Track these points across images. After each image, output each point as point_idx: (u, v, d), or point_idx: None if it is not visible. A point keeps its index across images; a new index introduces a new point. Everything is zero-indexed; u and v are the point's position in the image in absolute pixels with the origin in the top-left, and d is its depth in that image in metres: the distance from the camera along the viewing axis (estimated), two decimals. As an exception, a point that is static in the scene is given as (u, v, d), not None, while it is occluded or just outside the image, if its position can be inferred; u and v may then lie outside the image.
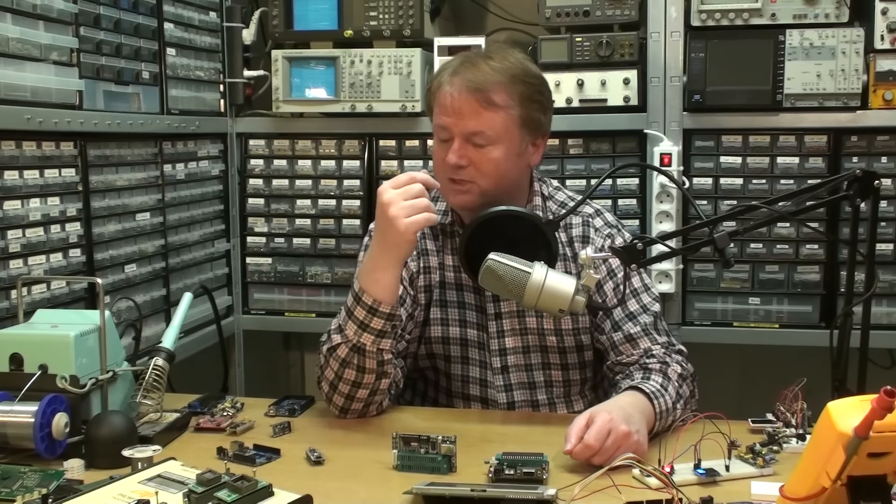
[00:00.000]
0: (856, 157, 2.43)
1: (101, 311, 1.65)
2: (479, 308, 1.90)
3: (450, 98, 1.76)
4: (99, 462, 1.50)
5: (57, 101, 1.93)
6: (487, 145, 1.77)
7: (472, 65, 1.79)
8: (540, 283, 1.46)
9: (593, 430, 1.46)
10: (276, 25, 2.67)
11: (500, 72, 1.77)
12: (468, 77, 1.76)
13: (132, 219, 2.24)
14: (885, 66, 2.35)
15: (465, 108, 1.75)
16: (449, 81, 1.78)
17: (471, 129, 1.76)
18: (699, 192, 2.49)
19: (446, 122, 1.78)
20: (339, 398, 1.75)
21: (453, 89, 1.76)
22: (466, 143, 1.76)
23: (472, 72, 1.77)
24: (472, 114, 1.75)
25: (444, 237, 1.92)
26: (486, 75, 1.76)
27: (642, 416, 1.57)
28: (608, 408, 1.54)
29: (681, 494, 1.26)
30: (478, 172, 1.77)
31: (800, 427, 1.60)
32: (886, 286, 2.42)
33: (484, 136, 1.76)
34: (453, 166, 1.77)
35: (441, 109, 1.79)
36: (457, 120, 1.76)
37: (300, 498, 1.27)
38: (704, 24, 2.42)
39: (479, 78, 1.76)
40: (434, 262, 1.92)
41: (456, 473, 1.48)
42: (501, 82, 1.77)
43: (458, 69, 1.79)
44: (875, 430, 1.02)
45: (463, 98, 1.75)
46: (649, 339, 1.80)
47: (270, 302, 2.77)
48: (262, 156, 2.74)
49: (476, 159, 1.77)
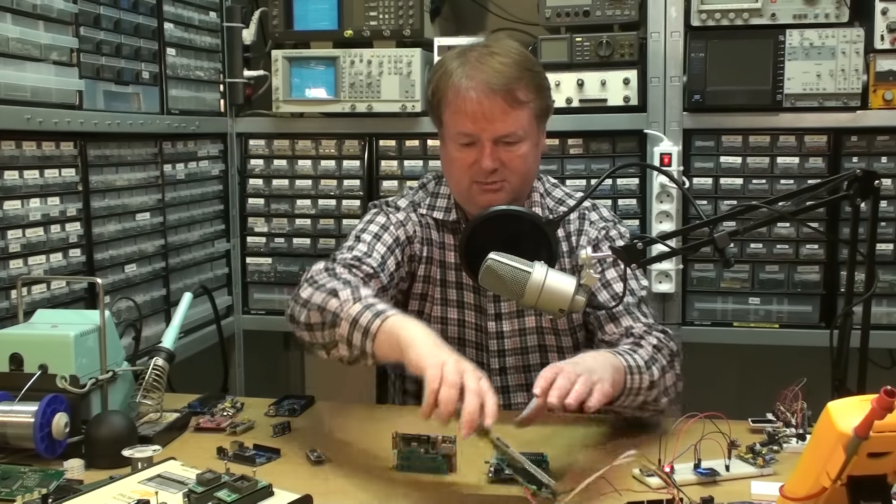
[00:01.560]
0: (856, 157, 2.43)
1: (101, 311, 1.65)
2: (479, 308, 1.89)
3: (475, 104, 1.71)
4: (99, 462, 1.50)
5: (57, 101, 1.93)
6: (517, 143, 1.75)
7: (482, 63, 1.73)
8: (540, 283, 1.46)
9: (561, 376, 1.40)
10: (276, 25, 2.67)
11: (514, 66, 1.73)
12: (488, 78, 1.71)
13: (132, 219, 2.24)
14: (885, 66, 2.35)
15: (494, 112, 1.71)
16: (466, 85, 1.72)
17: (502, 132, 1.73)
18: (699, 192, 2.49)
19: (472, 128, 1.73)
20: (300, 311, 1.63)
21: (476, 94, 1.71)
22: (496, 144, 1.74)
23: (487, 71, 1.71)
24: (502, 116, 1.72)
25: (446, 233, 1.91)
26: (505, 73, 1.71)
27: (607, 366, 1.51)
28: (571, 361, 1.49)
29: (682, 494, 1.26)
30: (509, 171, 1.76)
31: (800, 427, 1.60)
32: (886, 286, 2.42)
33: (515, 135, 1.74)
34: (487, 170, 1.74)
35: (463, 115, 1.73)
36: (486, 125, 1.72)
37: (300, 498, 1.27)
38: (704, 24, 2.42)
39: (499, 77, 1.71)
40: (437, 255, 1.90)
41: (456, 473, 1.48)
42: (521, 77, 1.73)
43: (470, 71, 1.73)
44: (875, 430, 1.02)
45: (490, 101, 1.71)
46: (631, 317, 1.77)
47: (270, 302, 2.77)
48: (262, 156, 2.74)
49: (506, 159, 1.75)
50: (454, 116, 1.76)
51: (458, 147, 1.78)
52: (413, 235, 1.89)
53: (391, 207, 1.93)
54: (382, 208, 1.93)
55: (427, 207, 1.91)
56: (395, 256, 1.84)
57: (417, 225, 1.90)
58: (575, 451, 1.58)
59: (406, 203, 1.93)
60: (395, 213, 1.90)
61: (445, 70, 1.78)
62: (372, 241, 1.83)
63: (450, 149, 1.80)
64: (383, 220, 1.89)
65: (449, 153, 1.81)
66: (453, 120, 1.77)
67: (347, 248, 1.82)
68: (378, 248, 1.82)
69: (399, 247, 1.86)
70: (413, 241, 1.89)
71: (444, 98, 1.77)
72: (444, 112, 1.79)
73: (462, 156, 1.77)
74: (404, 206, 1.93)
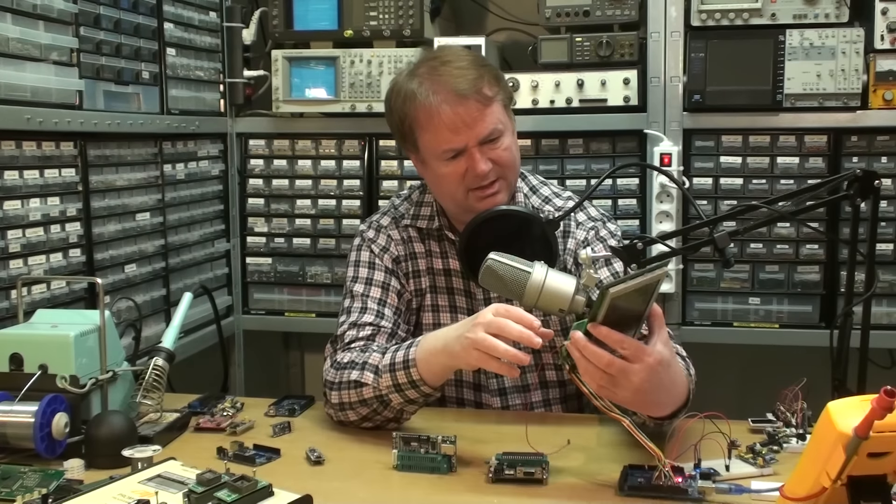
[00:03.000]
0: (856, 157, 2.43)
1: (101, 311, 1.65)
2: (471, 312, 1.87)
3: (451, 115, 1.71)
4: (99, 462, 1.50)
5: (57, 101, 1.93)
6: (499, 137, 1.76)
7: (439, 74, 1.73)
8: (540, 283, 1.46)
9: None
10: (276, 25, 2.67)
11: (470, 67, 1.75)
12: (452, 86, 1.71)
13: (132, 219, 2.24)
14: (885, 66, 2.35)
15: (470, 116, 1.72)
16: (435, 101, 1.71)
17: (484, 133, 1.73)
18: (699, 192, 2.49)
19: (456, 140, 1.73)
20: (344, 415, 1.71)
21: (449, 105, 1.71)
22: (482, 146, 1.74)
23: (449, 80, 1.72)
24: (479, 116, 1.72)
25: (431, 241, 1.91)
26: (466, 75, 1.72)
27: (672, 389, 1.48)
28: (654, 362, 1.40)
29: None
30: (501, 167, 1.76)
31: (800, 427, 1.60)
32: (886, 286, 2.42)
33: (496, 130, 1.75)
34: (483, 174, 1.74)
35: (444, 131, 1.72)
36: (467, 131, 1.72)
37: (300, 498, 1.27)
38: (704, 24, 2.42)
39: (462, 81, 1.71)
40: (423, 266, 1.90)
41: (456, 473, 1.48)
42: (480, 74, 1.74)
43: (432, 86, 1.72)
44: (875, 430, 1.02)
45: (464, 107, 1.71)
46: None
47: (270, 302, 2.77)
48: (262, 156, 2.74)
49: (495, 156, 1.75)
50: (434, 136, 1.74)
51: (444, 163, 1.76)
52: (398, 256, 1.90)
53: (372, 230, 1.93)
54: (364, 240, 1.92)
55: (411, 218, 1.91)
56: (394, 290, 1.86)
57: (400, 243, 1.90)
58: (575, 451, 1.58)
59: (388, 221, 1.93)
60: (378, 240, 1.90)
61: (406, 94, 1.76)
62: (371, 294, 1.84)
63: (435, 167, 1.78)
64: (367, 257, 1.89)
65: (436, 171, 1.79)
66: (433, 139, 1.75)
67: (347, 319, 1.81)
68: (378, 300, 1.83)
69: (393, 275, 1.88)
70: (400, 261, 1.90)
71: (415, 122, 1.76)
72: (419, 136, 1.77)
73: (452, 170, 1.76)
74: (386, 224, 1.93)
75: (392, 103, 1.81)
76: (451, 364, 1.58)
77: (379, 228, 1.93)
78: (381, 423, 1.68)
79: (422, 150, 1.79)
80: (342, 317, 1.83)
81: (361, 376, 1.65)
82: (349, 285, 1.88)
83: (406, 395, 1.62)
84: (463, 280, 1.88)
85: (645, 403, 1.44)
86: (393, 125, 1.84)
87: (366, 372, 1.65)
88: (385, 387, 1.62)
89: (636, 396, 1.39)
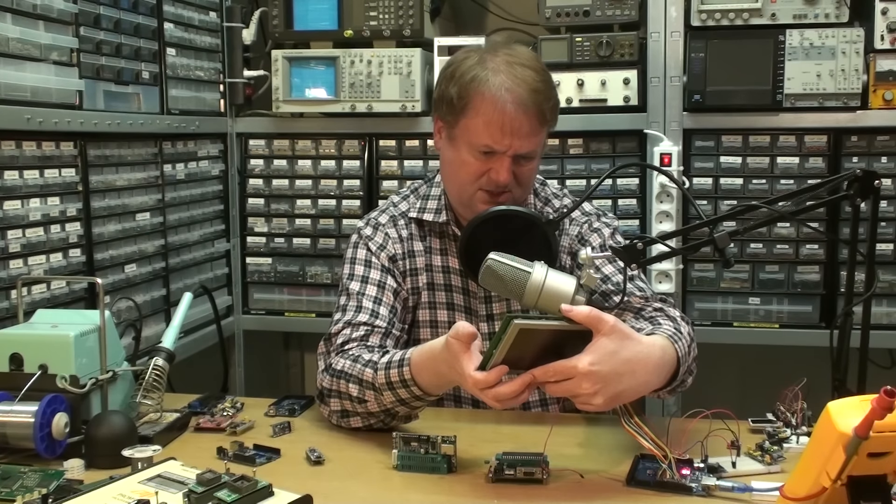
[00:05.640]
0: (856, 157, 2.43)
1: (101, 311, 1.65)
2: (468, 310, 1.88)
3: (511, 118, 1.68)
4: (99, 462, 1.50)
5: (57, 101, 1.93)
6: (531, 160, 1.75)
7: (516, 76, 1.69)
8: (540, 283, 1.46)
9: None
10: (276, 25, 2.67)
11: (545, 83, 1.71)
12: (525, 92, 1.67)
13: (132, 219, 2.24)
14: (885, 66, 2.35)
15: (523, 129, 1.69)
16: (504, 98, 1.67)
17: (525, 150, 1.71)
18: (699, 192, 2.49)
19: (500, 141, 1.69)
20: (346, 422, 1.71)
21: (514, 108, 1.67)
22: (514, 158, 1.72)
23: (524, 87, 1.68)
24: (530, 133, 1.70)
25: (434, 237, 1.90)
26: (540, 90, 1.69)
27: (649, 364, 1.45)
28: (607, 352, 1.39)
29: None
30: (516, 184, 1.75)
31: (800, 427, 1.60)
32: (886, 286, 2.42)
33: (533, 153, 1.74)
34: (501, 184, 1.72)
35: (495, 128, 1.69)
36: (513, 141, 1.69)
37: (300, 498, 1.27)
38: (704, 24, 2.43)
39: (535, 96, 1.68)
40: (421, 264, 1.90)
41: (456, 473, 1.48)
42: (550, 97, 1.72)
43: (507, 83, 1.68)
44: (875, 430, 1.02)
45: (526, 118, 1.68)
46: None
47: (270, 302, 2.77)
48: (262, 156, 2.74)
49: (518, 174, 1.74)
50: (484, 126, 1.71)
51: (474, 154, 1.74)
52: (395, 254, 1.89)
53: (369, 228, 1.91)
54: (361, 237, 1.91)
55: (417, 211, 1.90)
56: (390, 288, 1.85)
57: (398, 241, 1.89)
58: (575, 451, 1.58)
59: (387, 219, 1.92)
60: (375, 237, 1.89)
61: (477, 77, 1.71)
62: (367, 293, 1.82)
63: (462, 151, 1.76)
64: (364, 255, 1.88)
65: (460, 156, 1.76)
66: (480, 128, 1.71)
67: (342, 317, 1.80)
68: (374, 299, 1.81)
69: (390, 273, 1.87)
70: (396, 259, 1.89)
71: (470, 103, 1.72)
72: (468, 117, 1.73)
73: (476, 163, 1.74)
74: (384, 222, 1.91)
75: (455, 75, 1.75)
76: (446, 384, 1.60)
77: (376, 226, 1.92)
78: (386, 426, 1.68)
79: (460, 128, 1.75)
80: (337, 314, 1.83)
81: (363, 394, 1.64)
82: (345, 283, 1.87)
83: (412, 405, 1.63)
84: (461, 278, 1.88)
85: (629, 394, 1.42)
86: (446, 96, 1.76)
87: (366, 391, 1.63)
88: (389, 402, 1.62)
89: (610, 398, 1.38)
